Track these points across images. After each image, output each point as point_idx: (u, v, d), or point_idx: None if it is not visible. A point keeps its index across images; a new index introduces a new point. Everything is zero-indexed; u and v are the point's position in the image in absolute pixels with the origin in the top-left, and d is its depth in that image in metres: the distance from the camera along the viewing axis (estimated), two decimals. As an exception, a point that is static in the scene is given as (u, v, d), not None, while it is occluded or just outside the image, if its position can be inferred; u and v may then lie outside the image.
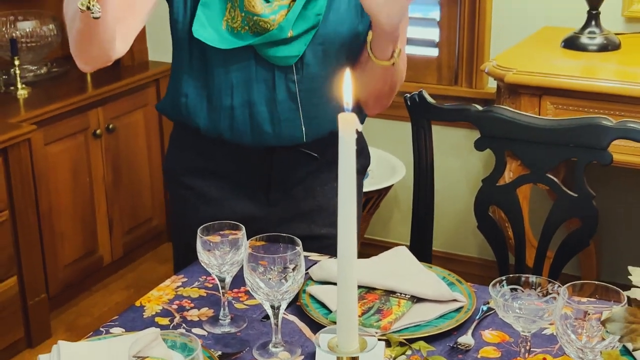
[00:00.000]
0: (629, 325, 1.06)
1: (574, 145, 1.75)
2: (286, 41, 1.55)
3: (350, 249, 0.99)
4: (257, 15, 1.53)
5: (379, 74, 1.57)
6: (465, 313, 1.46)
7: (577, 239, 1.80)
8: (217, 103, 1.61)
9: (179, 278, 1.64)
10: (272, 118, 1.60)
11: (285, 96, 1.59)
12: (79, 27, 1.46)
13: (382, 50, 1.53)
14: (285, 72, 1.58)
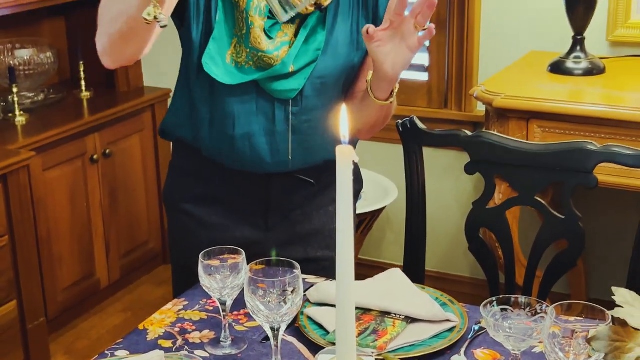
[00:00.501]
0: (613, 343, 1.12)
1: (560, 169, 1.81)
2: (287, 75, 1.61)
3: (348, 274, 1.04)
4: (262, 52, 1.59)
5: (376, 109, 1.63)
6: (457, 332, 1.52)
7: (565, 259, 1.86)
8: (219, 130, 1.67)
9: (181, 301, 1.69)
10: (271, 149, 1.66)
11: (284, 127, 1.65)
12: (122, 30, 1.48)
13: (382, 91, 1.60)
14: (285, 105, 1.64)
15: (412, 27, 1.50)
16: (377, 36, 1.50)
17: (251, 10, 1.58)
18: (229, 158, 1.69)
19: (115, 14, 1.49)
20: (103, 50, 1.57)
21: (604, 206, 2.93)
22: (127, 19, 1.46)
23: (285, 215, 1.79)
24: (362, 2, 1.65)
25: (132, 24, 1.45)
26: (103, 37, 1.55)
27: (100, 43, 1.56)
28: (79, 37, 3.53)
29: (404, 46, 1.52)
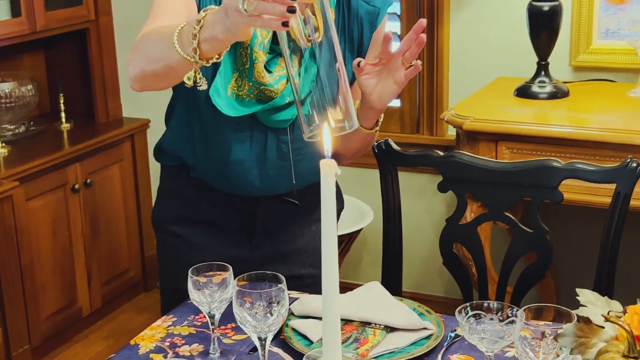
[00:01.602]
0: (578, 339, 1.21)
1: (527, 186, 1.91)
2: (284, 107, 1.69)
3: (332, 275, 1.13)
4: (265, 85, 1.66)
5: (360, 136, 1.71)
6: (434, 340, 1.60)
7: (534, 271, 1.96)
8: (213, 155, 1.75)
9: (169, 318, 1.76)
10: (261, 174, 1.74)
11: (275, 155, 1.73)
12: (157, 71, 1.51)
13: (368, 120, 1.68)
14: (277, 133, 1.72)
15: (400, 63, 1.58)
16: (366, 69, 1.59)
17: (255, 47, 1.64)
18: (219, 181, 1.77)
19: (153, 55, 1.51)
20: (134, 77, 1.57)
21: (570, 223, 3.04)
22: (164, 66, 1.48)
23: (270, 235, 1.87)
24: (347, 36, 1.73)
25: (168, 71, 1.49)
26: (136, 67, 1.55)
27: (132, 70, 1.57)
28: (58, 69, 3.60)
29: (391, 80, 1.60)
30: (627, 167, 1.84)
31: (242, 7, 1.30)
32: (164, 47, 1.47)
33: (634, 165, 1.83)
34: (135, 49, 1.57)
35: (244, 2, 1.29)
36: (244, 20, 1.31)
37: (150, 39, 1.54)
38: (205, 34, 1.39)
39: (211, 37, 1.39)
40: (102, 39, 3.57)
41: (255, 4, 1.28)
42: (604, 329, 1.20)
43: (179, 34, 1.43)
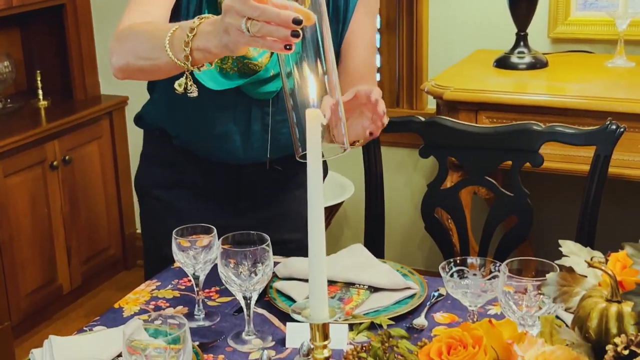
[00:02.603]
0: (561, 288, 1.22)
1: (508, 149, 1.93)
2: (268, 80, 1.69)
3: (318, 220, 1.13)
4: (249, 59, 1.66)
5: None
6: (418, 299, 1.62)
7: (515, 234, 1.98)
8: (196, 128, 1.74)
9: (153, 282, 1.76)
10: (244, 147, 1.74)
11: (259, 127, 1.73)
12: (144, 67, 1.50)
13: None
14: (262, 106, 1.72)
15: (370, 115, 1.55)
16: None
17: None
18: (203, 151, 1.77)
19: (142, 53, 1.49)
20: (119, 68, 1.56)
21: (548, 193, 3.07)
22: (152, 65, 1.47)
23: (254, 201, 1.87)
24: (332, 11, 1.72)
25: (156, 69, 1.48)
26: (121, 59, 1.54)
27: (117, 60, 1.55)
28: (35, 46, 3.57)
29: (360, 123, 1.57)
30: (606, 129, 1.86)
31: (244, 27, 1.26)
32: (154, 47, 1.45)
33: (614, 127, 1.85)
34: (120, 40, 1.55)
35: (247, 22, 1.26)
36: (245, 40, 1.28)
37: (139, 35, 1.51)
38: (199, 43, 1.36)
39: (204, 48, 1.36)
40: (79, 15, 3.54)
41: (259, 25, 1.25)
42: (587, 278, 1.22)
43: (170, 38, 1.41)
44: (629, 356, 1.01)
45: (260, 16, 1.23)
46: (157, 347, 1.21)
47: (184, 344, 1.20)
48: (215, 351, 1.48)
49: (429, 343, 1.24)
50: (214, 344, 1.50)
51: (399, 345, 1.32)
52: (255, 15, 1.24)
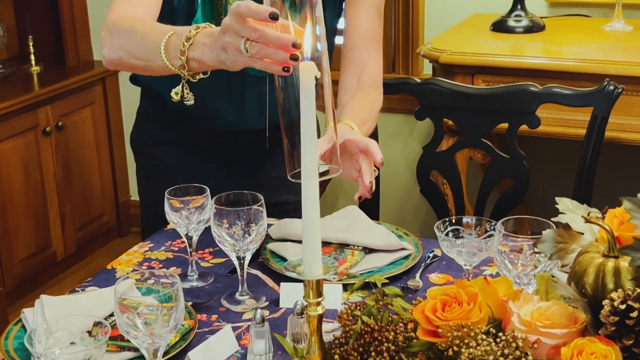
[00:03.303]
0: (557, 245, 1.21)
1: (505, 111, 1.91)
2: None
3: (312, 171, 1.12)
4: None
5: None
6: (413, 260, 1.60)
7: (511, 197, 1.96)
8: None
9: (146, 244, 1.75)
10: (239, 120, 1.73)
11: (255, 102, 1.72)
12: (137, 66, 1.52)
13: None
14: (257, 80, 1.70)
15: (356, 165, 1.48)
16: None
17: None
18: (197, 119, 1.75)
19: (135, 52, 1.49)
20: (110, 61, 1.57)
21: (546, 156, 3.05)
22: (145, 65, 1.48)
23: (247, 164, 1.85)
24: None
25: (149, 70, 1.48)
26: (113, 53, 1.54)
27: (108, 53, 1.55)
28: (27, 12, 3.53)
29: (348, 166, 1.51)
30: (604, 90, 1.84)
31: (243, 48, 1.26)
32: (148, 50, 1.44)
33: (611, 88, 1.83)
34: (112, 33, 1.54)
35: (246, 42, 1.25)
36: (244, 60, 1.28)
37: (133, 34, 1.50)
38: (195, 54, 1.36)
39: (200, 59, 1.36)
40: (71, -20, 3.50)
41: (257, 47, 1.24)
42: (583, 235, 1.20)
43: (166, 44, 1.41)
44: (626, 311, 1.00)
45: (259, 38, 1.23)
46: (150, 305, 1.20)
47: (177, 302, 1.19)
48: (208, 311, 1.47)
49: (424, 301, 1.23)
50: (207, 304, 1.49)
51: (393, 303, 1.31)
52: (255, 36, 1.23)
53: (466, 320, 1.14)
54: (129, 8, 1.55)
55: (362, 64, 1.75)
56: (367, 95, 1.74)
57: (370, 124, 1.70)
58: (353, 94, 1.73)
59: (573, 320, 1.07)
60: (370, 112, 1.72)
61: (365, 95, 1.73)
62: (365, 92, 1.74)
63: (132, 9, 1.56)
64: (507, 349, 1.05)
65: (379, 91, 1.78)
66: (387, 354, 1.22)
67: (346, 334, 1.28)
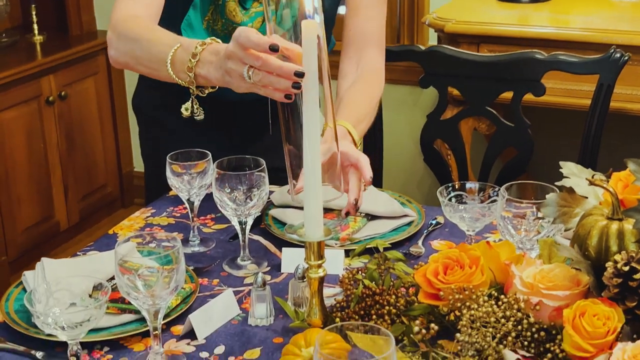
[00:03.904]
0: (561, 208, 1.20)
1: (510, 79, 1.89)
2: None
3: (314, 137, 1.11)
4: (237, 24, 1.62)
5: None
6: (415, 226, 1.60)
7: (514, 166, 1.95)
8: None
9: (148, 210, 1.74)
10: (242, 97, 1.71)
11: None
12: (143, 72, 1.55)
13: None
14: None
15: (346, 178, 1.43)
16: None
17: None
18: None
19: (141, 60, 1.52)
20: (116, 62, 1.59)
21: (551, 127, 3.03)
22: (151, 73, 1.51)
23: (248, 132, 1.84)
24: None
25: (155, 76, 1.50)
26: (119, 56, 1.57)
27: (115, 54, 1.57)
28: (29, -20, 3.51)
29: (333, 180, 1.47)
30: (610, 58, 1.82)
31: (246, 75, 1.27)
32: (154, 60, 1.47)
33: (618, 56, 1.81)
34: (119, 37, 1.55)
35: (249, 70, 1.27)
36: (247, 86, 1.30)
37: (139, 43, 1.52)
38: (201, 71, 1.39)
39: (206, 76, 1.39)
40: (75, -52, 3.47)
41: (260, 75, 1.26)
42: (587, 199, 1.19)
43: (172, 57, 1.43)
44: (629, 273, 1.00)
45: (262, 66, 1.25)
46: (150, 267, 1.20)
47: (177, 264, 1.19)
48: (210, 275, 1.47)
49: (425, 264, 1.23)
50: (209, 269, 1.49)
51: (395, 267, 1.31)
52: (257, 65, 1.25)
53: (468, 284, 1.14)
54: (133, 4, 1.57)
55: (363, 50, 1.74)
56: (366, 84, 1.71)
57: (369, 119, 1.68)
58: (352, 82, 1.71)
59: (576, 282, 1.06)
60: (369, 105, 1.69)
61: (364, 84, 1.71)
62: (364, 79, 1.72)
63: (135, 4, 1.57)
64: (508, 311, 1.05)
65: (380, 77, 1.75)
66: (388, 318, 1.22)
67: (347, 298, 1.28)
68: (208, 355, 1.24)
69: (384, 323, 1.21)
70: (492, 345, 1.03)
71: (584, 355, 0.97)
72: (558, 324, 1.03)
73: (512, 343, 1.03)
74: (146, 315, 1.19)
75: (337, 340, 1.06)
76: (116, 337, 1.27)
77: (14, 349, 1.24)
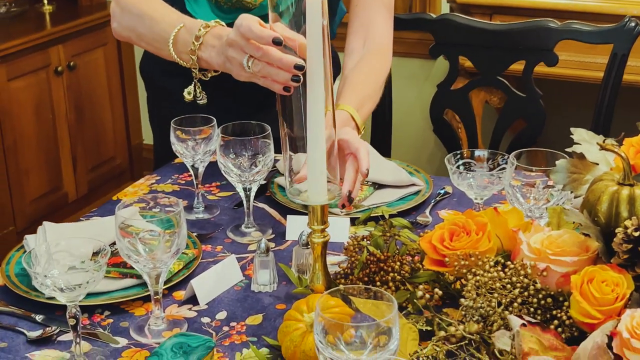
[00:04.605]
0: (571, 175, 1.17)
1: (522, 48, 1.85)
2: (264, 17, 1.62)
3: (318, 97, 1.08)
4: None
5: None
6: (422, 195, 1.57)
7: (526, 136, 1.92)
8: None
9: (153, 177, 1.72)
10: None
11: None
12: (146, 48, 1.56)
13: None
14: None
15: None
16: None
17: None
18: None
19: (144, 37, 1.53)
20: (119, 35, 1.60)
21: (563, 100, 2.99)
22: (153, 49, 1.52)
23: (253, 100, 1.81)
24: None
25: (157, 53, 1.52)
26: (122, 30, 1.59)
27: (118, 28, 1.59)
28: (39, -51, 3.48)
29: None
30: (624, 27, 1.78)
31: (246, 64, 1.28)
32: (156, 39, 1.49)
33: (632, 25, 1.77)
34: (122, 11, 1.57)
35: (249, 60, 1.27)
36: (246, 75, 1.31)
37: (142, 20, 1.53)
38: (203, 55, 1.40)
39: (208, 61, 1.40)
40: None
41: (260, 66, 1.26)
42: (598, 166, 1.16)
43: (174, 38, 1.45)
44: (639, 238, 0.97)
45: (262, 57, 1.25)
46: (152, 231, 1.18)
47: (179, 228, 1.17)
48: (213, 242, 1.45)
49: (431, 231, 1.21)
50: (212, 235, 1.47)
51: (400, 234, 1.28)
52: (258, 55, 1.25)
53: (474, 250, 1.11)
54: None
55: (370, 25, 1.70)
56: (372, 63, 1.68)
57: (374, 100, 1.64)
58: (358, 61, 1.67)
59: (584, 248, 1.04)
60: (375, 85, 1.65)
61: (369, 63, 1.67)
62: (370, 58, 1.68)
63: None
64: (515, 277, 1.02)
65: (387, 55, 1.71)
66: (392, 284, 1.20)
67: (352, 264, 1.26)
68: (210, 321, 1.22)
69: (388, 290, 1.19)
70: (498, 312, 1.01)
71: (592, 321, 0.94)
72: (565, 291, 1.01)
73: (518, 309, 1.01)
74: (147, 279, 1.17)
75: (340, 305, 1.04)
76: (117, 302, 1.26)
77: (14, 312, 1.23)
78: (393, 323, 0.92)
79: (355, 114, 1.51)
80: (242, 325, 1.21)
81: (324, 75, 1.14)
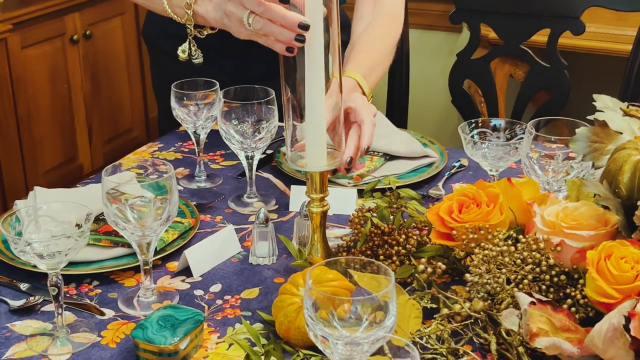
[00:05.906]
0: (592, 144, 1.08)
1: (547, 15, 1.75)
2: None
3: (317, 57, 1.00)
4: None
5: None
6: (436, 168, 1.49)
7: (549, 108, 1.82)
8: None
9: (155, 144, 1.66)
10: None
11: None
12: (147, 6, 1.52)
13: None
14: None
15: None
16: None
17: None
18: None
19: None
20: None
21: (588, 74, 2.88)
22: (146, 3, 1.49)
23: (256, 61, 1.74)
24: None
25: (151, 7, 1.48)
26: None
27: None
28: None
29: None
30: (657, -7, 1.68)
31: (246, 21, 1.19)
32: None
33: (665, -9, 1.67)
34: None
35: (250, 16, 1.18)
36: (247, 33, 1.22)
37: None
38: (199, 9, 1.34)
39: (204, 16, 1.33)
40: None
41: (261, 22, 1.16)
42: (622, 135, 1.07)
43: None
44: (664, 212, 0.88)
45: (263, 13, 1.15)
46: (144, 197, 1.11)
47: (170, 194, 1.10)
48: (213, 212, 1.38)
49: (439, 202, 1.12)
50: (212, 205, 1.40)
51: (407, 206, 1.20)
52: (259, 11, 1.16)
53: (484, 223, 1.03)
54: None
55: None
56: (382, 28, 1.58)
57: (383, 68, 1.54)
58: (367, 25, 1.58)
59: (603, 222, 0.95)
60: (384, 51, 1.55)
61: (379, 27, 1.57)
62: (380, 23, 1.58)
63: None
64: (526, 251, 0.94)
65: (398, 19, 1.61)
66: (396, 258, 1.12)
67: (355, 237, 1.18)
68: (203, 293, 1.15)
69: (392, 265, 1.12)
70: (507, 289, 0.93)
71: (608, 301, 0.86)
72: (581, 267, 0.92)
73: (529, 287, 0.92)
74: (136, 248, 1.11)
75: (339, 278, 0.97)
76: (107, 271, 1.19)
77: (-2, 279, 1.17)
78: (390, 297, 0.84)
79: (362, 81, 1.42)
80: (237, 299, 1.14)
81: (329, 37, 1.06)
